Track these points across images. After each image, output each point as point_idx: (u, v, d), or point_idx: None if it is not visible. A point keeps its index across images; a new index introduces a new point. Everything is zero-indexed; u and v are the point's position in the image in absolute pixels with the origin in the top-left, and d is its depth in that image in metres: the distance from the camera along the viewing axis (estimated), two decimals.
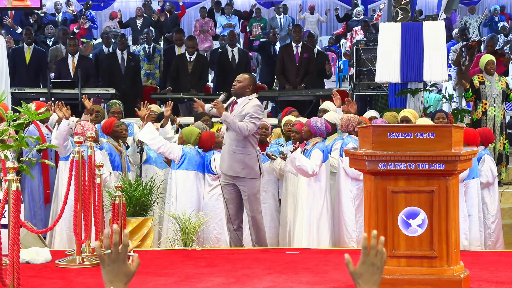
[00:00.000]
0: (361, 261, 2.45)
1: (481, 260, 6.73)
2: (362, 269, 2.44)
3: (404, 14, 10.02)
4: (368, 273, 2.44)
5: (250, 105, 7.20)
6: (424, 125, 6.58)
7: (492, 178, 7.96)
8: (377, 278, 2.44)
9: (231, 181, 7.26)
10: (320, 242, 7.53)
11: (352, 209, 7.64)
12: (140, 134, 7.75)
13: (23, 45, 12.22)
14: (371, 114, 8.83)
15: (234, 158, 7.17)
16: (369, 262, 2.44)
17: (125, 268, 2.43)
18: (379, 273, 2.45)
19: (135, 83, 12.23)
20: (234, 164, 7.17)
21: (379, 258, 2.45)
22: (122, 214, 6.83)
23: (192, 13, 21.48)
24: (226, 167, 7.22)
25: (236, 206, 7.31)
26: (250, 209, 7.22)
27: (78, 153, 6.62)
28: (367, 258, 2.44)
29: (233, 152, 7.17)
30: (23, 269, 5.46)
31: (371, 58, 11.82)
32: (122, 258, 2.42)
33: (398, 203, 5.39)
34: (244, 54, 12.64)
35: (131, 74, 12.18)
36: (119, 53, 12.28)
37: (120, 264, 2.42)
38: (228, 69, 12.33)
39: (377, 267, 2.44)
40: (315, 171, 7.38)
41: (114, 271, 2.41)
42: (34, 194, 8.04)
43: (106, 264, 2.41)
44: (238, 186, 7.25)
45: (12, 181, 4.91)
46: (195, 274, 6.19)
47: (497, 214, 7.98)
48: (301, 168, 7.33)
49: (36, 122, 7.95)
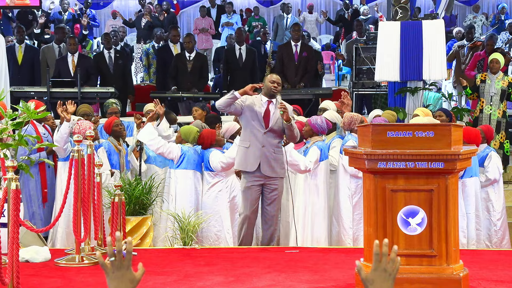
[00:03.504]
0: (373, 268, 2.42)
1: (481, 259, 6.74)
2: (374, 275, 2.41)
3: (404, 13, 10.02)
4: (380, 279, 2.41)
5: (290, 108, 7.23)
6: (423, 124, 6.58)
7: (499, 175, 7.98)
8: (389, 285, 2.41)
9: (262, 182, 7.22)
10: (314, 240, 7.54)
11: (350, 207, 7.65)
12: (140, 135, 7.77)
13: (14, 44, 12.14)
14: (375, 113, 8.83)
15: (277, 160, 7.19)
16: (381, 268, 2.41)
17: (130, 275, 2.40)
18: (391, 279, 2.42)
19: (125, 81, 12.13)
20: (276, 165, 7.19)
21: (392, 265, 2.42)
22: (122, 213, 6.83)
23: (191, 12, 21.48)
24: (267, 169, 7.16)
25: (256, 208, 7.31)
26: (276, 208, 7.29)
27: (77, 152, 6.62)
28: (379, 264, 2.41)
29: (276, 154, 7.19)
30: (23, 268, 5.46)
31: (371, 57, 11.83)
32: (126, 265, 2.39)
33: (398, 202, 5.39)
34: (252, 52, 12.62)
35: (119, 72, 12.06)
36: (106, 53, 12.17)
37: (125, 271, 2.39)
38: (235, 67, 12.31)
39: (389, 273, 2.41)
40: (308, 167, 7.38)
41: (119, 278, 2.39)
42: (32, 194, 8.04)
43: (111, 272, 2.38)
44: (267, 186, 7.22)
45: (12, 180, 4.91)
46: (194, 272, 6.19)
47: (502, 211, 7.98)
48: (293, 163, 7.36)
49: (33, 121, 7.93)
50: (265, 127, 7.16)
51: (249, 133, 7.20)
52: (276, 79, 7.29)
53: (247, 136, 7.21)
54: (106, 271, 2.39)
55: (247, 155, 7.19)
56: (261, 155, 7.16)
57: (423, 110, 8.65)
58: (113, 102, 9.22)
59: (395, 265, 2.43)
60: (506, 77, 9.77)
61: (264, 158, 7.15)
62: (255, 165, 7.16)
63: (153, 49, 13.63)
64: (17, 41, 12.12)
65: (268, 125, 7.17)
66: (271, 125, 7.15)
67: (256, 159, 7.16)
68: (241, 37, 12.73)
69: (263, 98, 7.24)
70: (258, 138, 7.16)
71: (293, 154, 7.36)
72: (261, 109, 7.19)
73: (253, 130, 7.18)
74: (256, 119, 7.16)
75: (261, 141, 7.16)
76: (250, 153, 7.17)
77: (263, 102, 7.22)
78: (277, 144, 7.21)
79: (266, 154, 7.15)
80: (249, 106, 7.16)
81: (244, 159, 7.22)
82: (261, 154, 7.16)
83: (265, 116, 7.19)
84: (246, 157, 7.19)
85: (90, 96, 11.00)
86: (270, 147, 7.16)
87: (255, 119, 7.16)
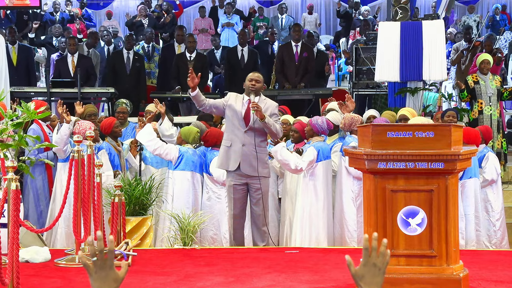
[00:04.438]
0: (362, 263, 2.40)
1: (480, 259, 6.74)
2: (364, 270, 2.39)
3: (404, 13, 10.02)
4: (370, 274, 2.39)
5: (273, 105, 7.22)
6: (423, 124, 6.58)
7: (496, 176, 7.97)
8: (379, 280, 2.39)
9: (245, 181, 7.23)
10: (313, 240, 7.53)
11: (354, 209, 7.65)
12: (139, 135, 7.78)
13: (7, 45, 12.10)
14: (370, 113, 8.83)
15: (259, 159, 7.15)
16: (371, 263, 2.39)
17: (113, 274, 2.37)
18: (381, 274, 2.39)
19: (139, 84, 12.21)
20: (257, 164, 7.15)
21: (381, 259, 2.39)
22: (122, 213, 6.83)
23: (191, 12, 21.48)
24: (248, 167, 7.15)
25: (243, 206, 7.31)
26: (262, 207, 7.24)
27: (77, 152, 6.62)
28: (369, 259, 2.39)
29: (257, 153, 7.15)
30: (23, 268, 5.46)
31: (371, 57, 11.83)
32: (109, 265, 2.36)
33: (398, 202, 5.39)
34: (253, 53, 12.61)
35: (135, 74, 12.14)
36: (125, 53, 12.24)
37: (108, 270, 2.36)
38: (236, 67, 12.31)
39: (379, 268, 2.39)
40: (299, 167, 7.37)
41: (102, 278, 2.36)
42: (40, 192, 8.05)
43: (93, 272, 2.36)
44: (251, 185, 7.23)
45: (12, 180, 4.91)
46: (194, 273, 6.19)
47: (501, 211, 7.98)
48: (283, 162, 7.37)
49: (39, 121, 7.97)
50: (246, 125, 7.17)
51: (231, 132, 7.22)
52: (255, 77, 7.27)
53: (229, 135, 7.23)
54: (88, 272, 2.36)
55: (229, 154, 7.21)
56: (242, 154, 7.16)
57: (408, 110, 8.66)
58: (123, 102, 9.23)
59: (385, 259, 2.40)
60: (496, 77, 9.81)
61: (245, 157, 7.15)
62: (236, 164, 7.18)
63: (142, 50, 13.61)
64: (9, 42, 12.06)
65: (248, 123, 7.17)
66: (250, 124, 7.14)
67: (237, 158, 7.17)
68: (244, 38, 12.73)
69: (245, 97, 7.25)
70: (239, 137, 7.16)
71: (283, 153, 7.34)
72: (242, 108, 7.19)
73: (234, 129, 7.19)
74: (237, 118, 7.17)
75: (242, 140, 7.15)
76: (231, 152, 7.19)
77: (244, 101, 7.24)
78: (258, 143, 7.17)
79: (246, 153, 7.14)
80: (230, 105, 7.18)
81: (225, 158, 7.24)
82: (242, 153, 7.16)
83: (246, 115, 7.17)
84: (228, 156, 7.22)
85: (90, 96, 11.01)
86: (250, 146, 7.14)
87: (235, 118, 7.17)
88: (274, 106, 7.25)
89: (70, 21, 17.07)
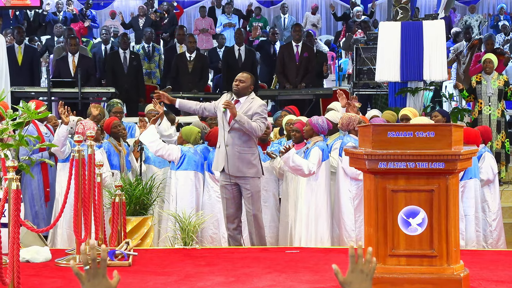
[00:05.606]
0: (350, 269, 2.45)
1: (481, 259, 6.74)
2: (352, 277, 2.45)
3: (404, 13, 10.03)
4: (358, 280, 2.44)
5: (256, 104, 7.20)
6: (424, 124, 6.58)
7: (493, 176, 7.96)
8: (367, 285, 2.44)
9: (234, 181, 7.24)
10: (318, 240, 7.54)
11: (351, 209, 7.65)
12: (142, 136, 7.77)
13: (14, 44, 12.14)
14: (373, 114, 8.83)
15: (241, 159, 7.15)
16: (358, 269, 2.44)
17: (106, 283, 2.37)
18: (369, 280, 2.45)
19: (138, 83, 12.21)
20: (241, 165, 7.15)
21: (368, 266, 2.45)
22: (122, 213, 6.83)
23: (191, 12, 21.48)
24: (232, 168, 7.16)
25: (236, 205, 7.32)
26: (252, 208, 7.22)
27: (78, 152, 6.62)
28: (356, 266, 2.44)
29: (240, 153, 7.14)
30: (23, 268, 5.46)
31: (371, 57, 11.83)
32: (102, 273, 2.36)
33: (398, 202, 5.39)
34: (251, 53, 12.61)
35: (133, 73, 12.13)
36: (121, 52, 12.23)
37: (100, 279, 2.36)
38: (234, 67, 12.31)
39: (366, 274, 2.45)
40: (312, 170, 7.37)
41: (94, 286, 2.36)
42: (34, 193, 8.05)
43: (86, 280, 2.35)
44: (240, 186, 7.24)
45: (12, 180, 4.90)
46: (195, 273, 6.19)
47: (498, 211, 7.96)
48: (296, 168, 7.35)
49: (35, 121, 7.94)
50: (229, 126, 7.19)
51: (219, 133, 7.28)
52: (239, 77, 7.27)
53: (219, 136, 7.29)
54: (81, 280, 2.36)
55: (218, 155, 7.28)
56: (226, 155, 7.18)
57: (410, 110, 8.65)
58: (117, 102, 9.22)
59: (372, 265, 2.45)
60: (501, 76, 9.78)
61: (229, 157, 7.16)
62: (222, 165, 7.21)
63: (143, 50, 13.61)
64: (16, 42, 12.10)
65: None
66: (231, 124, 7.14)
67: (223, 158, 7.19)
68: (241, 38, 12.73)
69: (235, 98, 7.27)
70: (224, 137, 7.19)
71: (295, 159, 7.32)
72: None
73: (221, 130, 7.24)
74: (222, 119, 7.19)
75: (226, 140, 7.17)
76: (219, 153, 7.25)
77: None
78: (242, 143, 7.17)
79: (230, 153, 7.15)
80: (219, 107, 7.21)
81: (215, 159, 7.32)
82: (226, 154, 7.17)
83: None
84: (217, 157, 7.29)
85: (90, 96, 11.02)
86: (233, 146, 7.14)
87: (221, 119, 7.20)
88: (258, 105, 7.21)
89: (73, 20, 17.06)
